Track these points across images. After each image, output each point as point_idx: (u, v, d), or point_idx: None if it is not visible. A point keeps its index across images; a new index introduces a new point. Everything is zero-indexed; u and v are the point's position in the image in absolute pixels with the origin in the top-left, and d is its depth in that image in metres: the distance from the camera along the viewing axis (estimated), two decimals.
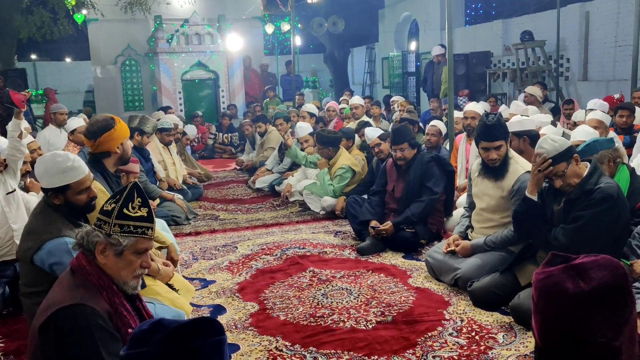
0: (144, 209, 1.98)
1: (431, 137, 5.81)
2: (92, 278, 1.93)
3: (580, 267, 1.18)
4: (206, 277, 4.10)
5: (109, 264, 1.95)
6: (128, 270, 1.98)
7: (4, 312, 3.55)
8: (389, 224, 4.47)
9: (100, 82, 13.04)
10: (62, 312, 1.82)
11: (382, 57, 16.41)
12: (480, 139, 3.65)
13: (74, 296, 1.86)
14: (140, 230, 1.97)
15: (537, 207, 3.18)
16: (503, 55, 11.42)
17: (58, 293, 1.92)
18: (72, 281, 1.94)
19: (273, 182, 7.02)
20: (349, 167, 5.69)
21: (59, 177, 2.63)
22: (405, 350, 2.88)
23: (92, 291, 1.90)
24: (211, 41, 12.14)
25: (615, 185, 3.05)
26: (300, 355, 2.87)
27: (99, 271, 1.94)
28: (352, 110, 7.93)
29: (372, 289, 3.72)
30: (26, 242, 2.62)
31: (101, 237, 1.94)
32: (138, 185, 2.02)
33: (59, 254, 2.54)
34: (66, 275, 2.00)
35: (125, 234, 1.95)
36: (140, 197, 1.99)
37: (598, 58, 9.50)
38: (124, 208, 1.95)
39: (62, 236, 2.57)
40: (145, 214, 1.98)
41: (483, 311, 3.30)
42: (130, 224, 1.95)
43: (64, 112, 7.00)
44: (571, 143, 3.18)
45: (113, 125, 3.35)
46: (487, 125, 3.60)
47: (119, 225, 1.94)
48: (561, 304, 1.16)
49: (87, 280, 1.92)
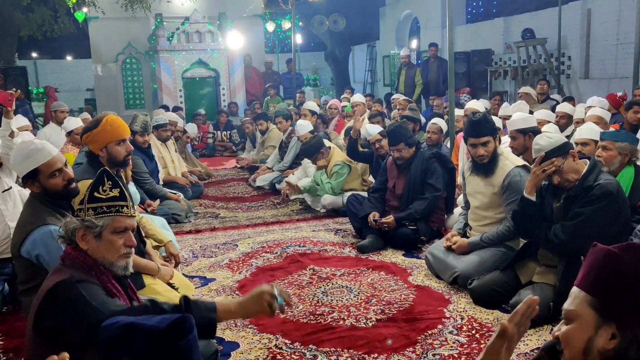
0: (116, 189, 2.00)
1: (432, 135, 5.80)
2: (78, 261, 1.97)
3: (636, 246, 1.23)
4: (206, 275, 4.09)
5: (91, 248, 1.98)
6: (111, 250, 2.00)
7: (3, 310, 3.55)
8: (391, 217, 4.46)
9: (101, 80, 13.04)
10: (56, 287, 1.85)
11: (383, 55, 16.39)
12: (467, 136, 3.72)
13: (62, 275, 1.90)
14: (114, 209, 1.99)
15: (535, 207, 3.18)
16: (504, 53, 11.39)
17: (49, 279, 1.95)
18: (62, 267, 1.98)
19: (274, 180, 7.02)
20: (343, 162, 5.70)
21: (26, 162, 2.60)
22: (405, 348, 2.87)
23: (80, 270, 1.94)
24: (212, 39, 12.13)
25: (615, 182, 3.05)
26: (300, 353, 2.87)
27: (84, 254, 1.98)
28: (353, 108, 7.92)
29: (372, 287, 3.71)
30: (14, 237, 2.61)
31: (77, 223, 1.97)
32: (107, 170, 2.05)
33: (43, 242, 2.49)
34: (57, 264, 2.04)
35: (100, 215, 1.97)
36: (110, 180, 2.01)
37: (599, 56, 9.47)
38: (94, 192, 1.99)
39: (46, 224, 2.52)
40: (117, 194, 2.01)
41: (483, 309, 3.29)
42: (102, 205, 1.98)
43: (65, 110, 7.00)
44: (565, 139, 3.18)
45: (96, 126, 3.23)
46: (474, 122, 3.67)
47: (92, 209, 1.98)
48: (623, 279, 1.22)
49: (75, 264, 1.97)
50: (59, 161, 2.66)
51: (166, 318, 1.28)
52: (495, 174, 3.63)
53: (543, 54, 9.99)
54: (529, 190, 3.17)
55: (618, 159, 3.54)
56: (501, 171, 3.61)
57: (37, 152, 2.61)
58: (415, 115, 6.82)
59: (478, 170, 3.73)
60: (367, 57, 17.58)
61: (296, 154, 7.16)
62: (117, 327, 1.24)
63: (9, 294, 3.61)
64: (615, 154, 3.52)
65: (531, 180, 3.15)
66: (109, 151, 3.26)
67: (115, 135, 3.27)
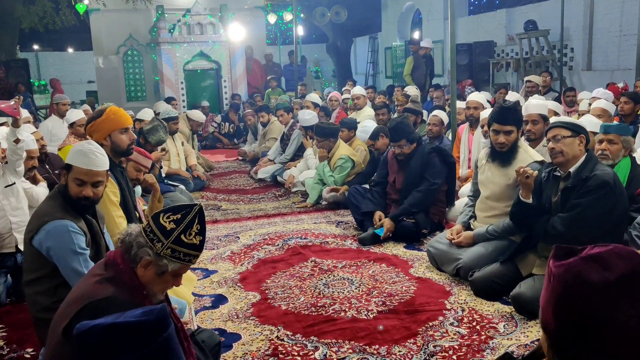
0: (199, 237, 1.93)
1: (433, 127, 5.79)
2: (125, 276, 1.91)
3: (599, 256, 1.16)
4: (208, 267, 4.11)
5: (146, 277, 1.92)
6: (161, 287, 1.98)
7: (6, 302, 3.57)
8: (387, 220, 4.46)
9: (103, 72, 13.02)
10: (97, 304, 1.81)
11: (385, 47, 16.34)
12: (492, 121, 3.68)
13: (105, 290, 1.85)
14: (188, 258, 1.93)
15: (533, 208, 3.22)
16: (507, 45, 11.35)
17: (89, 285, 1.90)
18: (105, 275, 1.92)
19: (275, 172, 7.02)
20: (348, 157, 5.69)
21: (75, 155, 2.60)
22: (406, 340, 2.88)
23: (124, 289, 1.89)
24: (213, 31, 12.09)
25: (611, 172, 3.06)
26: (301, 344, 2.88)
27: (132, 272, 1.92)
28: (353, 101, 7.91)
29: (373, 279, 3.72)
30: (29, 225, 2.62)
31: (151, 256, 1.89)
32: (202, 211, 1.96)
33: (57, 235, 2.49)
34: (99, 267, 1.98)
35: (174, 259, 1.90)
36: (200, 224, 1.94)
37: (602, 47, 9.43)
38: (182, 234, 1.90)
39: (63, 219, 2.53)
40: (198, 242, 1.93)
41: (484, 301, 3.30)
42: (183, 250, 1.90)
43: (67, 102, 6.99)
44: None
45: (100, 115, 3.31)
46: (503, 108, 3.65)
47: (171, 249, 1.89)
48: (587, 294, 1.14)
49: (120, 278, 1.90)
50: (96, 176, 2.60)
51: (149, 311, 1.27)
52: (512, 165, 3.59)
53: (545, 46, 9.96)
54: (524, 195, 3.21)
55: (622, 152, 3.55)
56: (519, 163, 3.56)
57: (86, 157, 2.57)
58: (416, 107, 6.81)
59: (495, 158, 3.69)
60: (369, 49, 17.53)
61: (298, 146, 7.16)
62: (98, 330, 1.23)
63: (12, 287, 3.63)
64: (620, 147, 3.53)
65: (523, 188, 3.22)
66: (112, 139, 3.33)
67: (118, 123, 3.36)
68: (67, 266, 2.50)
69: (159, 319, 1.24)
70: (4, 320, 3.33)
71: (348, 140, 6.05)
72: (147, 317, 1.24)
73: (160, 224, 1.91)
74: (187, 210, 1.93)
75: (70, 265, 2.49)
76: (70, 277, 2.49)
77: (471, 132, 5.55)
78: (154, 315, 1.24)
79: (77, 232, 2.53)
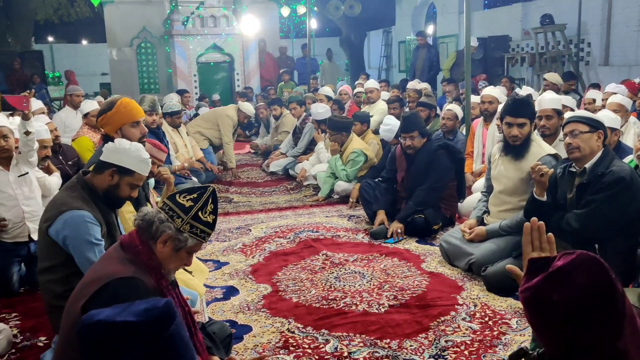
0: (212, 216, 2.06)
1: (447, 122, 5.74)
2: (143, 257, 1.97)
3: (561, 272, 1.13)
4: (219, 259, 4.11)
5: (164, 253, 1.99)
6: (176, 264, 2.06)
7: (20, 290, 3.61)
8: (395, 223, 4.43)
9: (116, 64, 13.08)
10: (117, 283, 1.84)
11: (399, 40, 16.22)
12: (505, 114, 3.64)
13: (126, 270, 1.89)
14: (203, 235, 2.04)
15: (547, 206, 3.18)
16: (522, 40, 11.22)
17: (109, 265, 1.93)
18: (124, 256, 1.96)
19: (287, 165, 7.02)
20: (361, 151, 5.65)
21: (137, 162, 2.64)
22: (417, 334, 2.87)
23: (142, 269, 1.94)
24: (227, 24, 12.08)
25: (628, 168, 3.01)
26: (312, 337, 2.88)
27: (150, 252, 1.98)
28: (367, 94, 7.86)
29: (385, 273, 3.70)
30: (46, 214, 2.64)
31: (172, 230, 1.98)
32: (215, 193, 2.08)
33: (73, 226, 2.51)
34: (115, 250, 2.02)
35: (192, 235, 2.01)
36: (213, 204, 2.07)
37: (620, 42, 9.29)
38: (199, 211, 2.01)
39: (81, 209, 2.54)
40: (211, 221, 2.06)
41: (497, 296, 3.28)
42: (200, 227, 2.02)
43: (80, 94, 7.01)
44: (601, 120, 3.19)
45: (111, 108, 3.29)
46: (516, 100, 3.62)
47: (190, 225, 2.00)
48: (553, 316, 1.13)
49: (137, 258, 1.96)
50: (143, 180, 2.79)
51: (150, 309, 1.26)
52: (526, 159, 3.56)
53: (562, 40, 9.82)
54: (538, 192, 3.17)
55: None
56: (532, 157, 3.53)
57: (146, 165, 2.70)
58: (431, 102, 6.75)
59: (508, 152, 3.65)
60: (382, 43, 17.42)
61: (310, 140, 7.15)
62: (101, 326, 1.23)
63: (26, 275, 3.66)
64: None
65: (537, 186, 3.18)
66: (123, 133, 3.30)
67: (129, 117, 3.34)
68: (82, 256, 2.53)
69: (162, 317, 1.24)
70: (17, 308, 3.37)
71: (361, 134, 6.02)
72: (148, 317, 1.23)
73: (178, 202, 2.02)
74: (201, 190, 2.06)
75: (85, 255, 2.52)
76: (84, 267, 2.51)
77: (485, 127, 5.50)
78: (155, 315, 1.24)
79: (93, 223, 2.55)
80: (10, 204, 3.60)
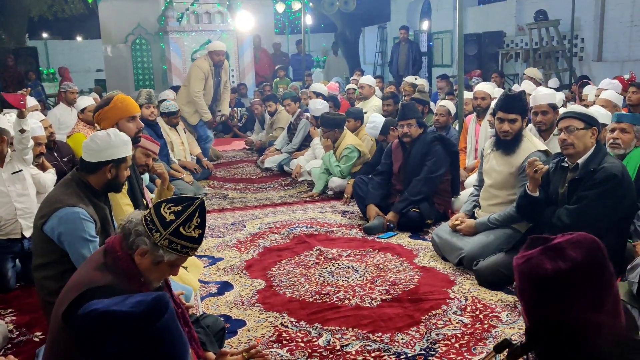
0: (198, 230, 1.93)
1: (440, 117, 5.78)
2: (122, 263, 1.92)
3: (557, 246, 1.20)
4: (214, 255, 4.14)
5: (143, 265, 1.93)
6: (157, 276, 1.98)
7: (16, 286, 3.63)
8: (390, 214, 4.50)
9: (111, 61, 13.04)
10: (94, 292, 1.81)
11: (394, 36, 16.22)
12: (497, 109, 3.69)
13: (104, 277, 1.86)
14: (185, 250, 1.93)
15: (539, 202, 3.22)
16: (516, 35, 11.25)
17: (88, 272, 1.91)
18: (103, 261, 1.93)
19: (282, 162, 7.04)
20: (354, 147, 5.68)
21: (123, 147, 2.69)
22: (409, 328, 2.91)
23: (122, 276, 1.90)
24: (221, 20, 12.06)
25: (620, 164, 3.05)
26: (305, 331, 2.91)
27: (129, 260, 1.92)
28: (359, 90, 7.89)
29: (377, 268, 3.74)
30: (40, 211, 2.66)
31: (148, 246, 1.89)
32: (203, 204, 1.96)
33: (68, 222, 2.53)
34: (99, 253, 2.00)
35: (171, 250, 1.90)
36: (200, 217, 1.93)
37: (613, 38, 9.33)
38: (181, 227, 1.89)
39: (76, 206, 2.57)
40: (197, 236, 1.93)
41: (488, 290, 3.32)
42: (180, 243, 1.90)
43: (75, 90, 7.01)
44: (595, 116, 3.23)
45: (107, 104, 3.35)
46: (507, 96, 3.66)
47: (169, 241, 1.89)
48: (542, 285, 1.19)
49: (117, 265, 1.91)
50: None
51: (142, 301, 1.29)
52: (516, 154, 3.61)
53: (555, 36, 9.87)
54: (531, 188, 3.21)
55: (634, 142, 3.53)
56: (522, 152, 3.59)
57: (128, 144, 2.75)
58: (424, 97, 6.79)
59: (499, 146, 3.70)
60: (377, 39, 17.41)
61: (305, 136, 7.17)
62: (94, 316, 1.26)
63: (21, 272, 3.68)
64: (632, 136, 3.52)
65: (530, 181, 3.21)
66: (120, 128, 3.33)
67: (126, 111, 3.41)
68: (77, 252, 2.55)
69: (151, 309, 1.26)
70: (13, 304, 3.39)
71: (354, 130, 6.05)
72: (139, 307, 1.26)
73: (160, 214, 1.91)
74: (188, 202, 1.93)
75: (79, 252, 2.54)
76: (79, 264, 2.52)
77: (478, 123, 5.53)
78: (145, 306, 1.26)
79: (88, 220, 2.58)
80: (3, 201, 3.61)
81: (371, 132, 5.56)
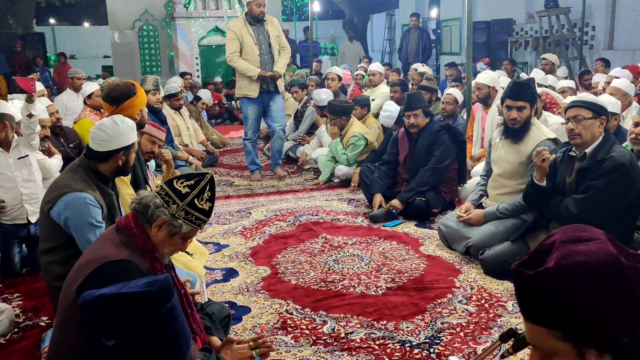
0: (209, 203, 2.05)
1: (446, 106, 5.73)
2: (137, 240, 1.98)
3: None
4: (220, 242, 4.15)
5: (158, 237, 2.01)
6: (170, 248, 2.07)
7: (22, 271, 3.65)
8: (395, 202, 4.46)
9: (118, 47, 13.03)
10: (110, 266, 1.86)
11: (402, 24, 16.08)
12: (506, 97, 3.64)
13: (120, 252, 1.91)
14: (198, 222, 2.04)
15: (546, 191, 3.19)
16: (526, 23, 11.13)
17: (103, 248, 1.95)
18: (118, 239, 1.98)
19: (288, 149, 7.02)
20: (361, 135, 5.64)
21: (132, 133, 2.72)
22: (414, 316, 2.90)
23: (136, 252, 1.96)
24: (228, 6, 12.01)
25: (628, 153, 3.01)
26: (310, 318, 2.91)
27: (144, 235, 2.00)
28: (369, 77, 7.82)
29: (383, 256, 3.73)
30: (47, 195, 2.67)
31: (167, 216, 1.99)
32: (213, 180, 2.08)
33: (75, 207, 2.55)
34: (110, 232, 2.04)
35: (187, 221, 2.01)
36: (210, 191, 2.05)
37: (625, 26, 9.20)
38: (195, 198, 2.01)
39: (83, 191, 2.58)
40: (207, 209, 2.05)
41: (494, 279, 3.30)
42: (195, 214, 2.02)
43: (81, 76, 7.00)
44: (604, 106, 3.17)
45: (135, 92, 3.36)
46: (516, 83, 3.62)
47: (185, 211, 2.00)
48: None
49: (132, 241, 1.98)
50: None
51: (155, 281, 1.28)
52: (525, 142, 3.57)
53: (566, 24, 9.74)
54: (538, 177, 3.18)
55: None
56: (531, 141, 3.54)
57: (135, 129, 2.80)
58: (432, 85, 6.73)
59: (508, 135, 3.66)
60: (385, 26, 17.27)
61: (311, 123, 7.14)
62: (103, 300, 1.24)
63: (27, 256, 3.70)
64: None
65: (537, 171, 3.18)
66: (142, 114, 3.44)
67: (144, 98, 3.52)
68: (83, 237, 2.56)
69: (162, 289, 1.25)
70: (19, 289, 3.41)
71: (361, 118, 6.01)
72: (151, 287, 1.25)
73: (175, 187, 2.02)
74: (199, 177, 2.05)
75: (86, 237, 2.55)
76: (85, 248, 2.53)
77: (485, 111, 5.48)
78: (157, 286, 1.26)
79: (94, 205, 2.59)
80: (9, 186, 3.62)
81: (386, 121, 5.44)
